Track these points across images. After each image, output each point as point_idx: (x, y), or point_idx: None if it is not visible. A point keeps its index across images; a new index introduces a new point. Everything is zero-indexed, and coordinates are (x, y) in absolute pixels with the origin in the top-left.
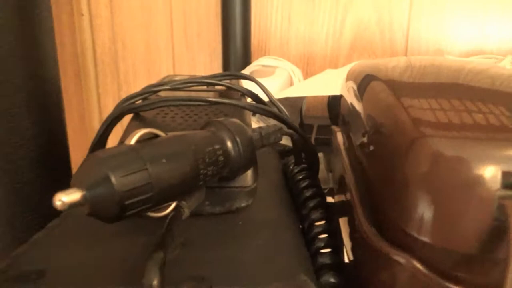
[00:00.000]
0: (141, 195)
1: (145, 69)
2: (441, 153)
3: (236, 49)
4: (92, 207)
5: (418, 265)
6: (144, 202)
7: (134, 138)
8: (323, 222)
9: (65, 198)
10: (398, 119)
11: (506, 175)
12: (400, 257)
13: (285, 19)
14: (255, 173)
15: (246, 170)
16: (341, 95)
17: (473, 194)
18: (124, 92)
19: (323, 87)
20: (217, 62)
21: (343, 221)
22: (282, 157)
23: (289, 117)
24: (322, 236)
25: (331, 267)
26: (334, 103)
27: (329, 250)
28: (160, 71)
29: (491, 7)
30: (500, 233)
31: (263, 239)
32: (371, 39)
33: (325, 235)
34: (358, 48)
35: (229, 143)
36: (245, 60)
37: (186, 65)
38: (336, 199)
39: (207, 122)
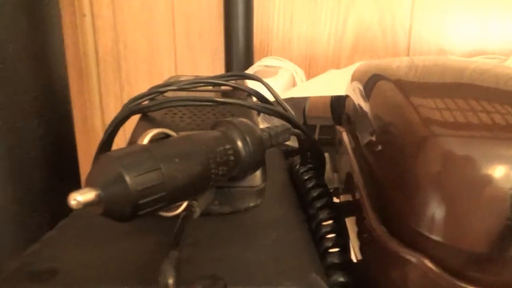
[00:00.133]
0: (155, 195)
1: (147, 69)
2: (452, 153)
3: (238, 50)
4: (106, 207)
5: (430, 264)
6: (157, 202)
7: (147, 138)
8: (331, 222)
9: (80, 197)
10: (408, 118)
11: None
12: (412, 256)
13: (287, 19)
14: (264, 173)
15: (256, 170)
16: (346, 95)
17: (485, 193)
18: (126, 92)
19: (326, 87)
20: (219, 63)
21: (349, 220)
22: (286, 158)
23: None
24: (330, 235)
25: (340, 266)
26: (337, 103)
27: (338, 250)
28: (162, 71)
29: (493, 7)
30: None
31: (272, 238)
32: (373, 40)
33: (333, 235)
34: (360, 48)
35: (239, 143)
36: (247, 61)
37: (188, 66)
38: (342, 199)
39: (217, 122)
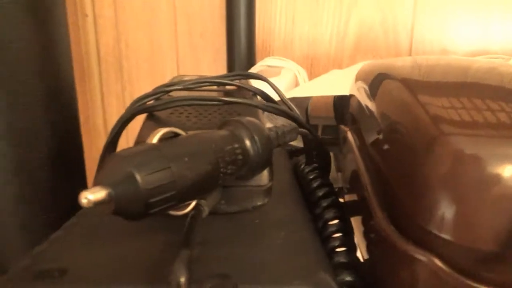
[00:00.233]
0: (165, 193)
1: (149, 69)
2: (463, 151)
3: (240, 50)
4: (117, 205)
5: (439, 263)
6: (167, 200)
7: (156, 136)
8: (337, 221)
9: (91, 196)
10: (416, 117)
11: None
12: (421, 255)
13: (289, 19)
14: (271, 172)
15: (264, 169)
16: (350, 94)
17: (495, 191)
18: (128, 92)
19: (329, 87)
20: (221, 63)
21: (355, 220)
22: (291, 157)
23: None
24: (336, 235)
25: (347, 265)
26: (340, 103)
27: (345, 249)
28: (164, 71)
29: (495, 7)
30: None
31: (280, 237)
32: (375, 40)
33: (340, 234)
34: (362, 48)
35: (248, 142)
36: (249, 61)
37: (190, 65)
38: (347, 199)
39: (225, 121)
